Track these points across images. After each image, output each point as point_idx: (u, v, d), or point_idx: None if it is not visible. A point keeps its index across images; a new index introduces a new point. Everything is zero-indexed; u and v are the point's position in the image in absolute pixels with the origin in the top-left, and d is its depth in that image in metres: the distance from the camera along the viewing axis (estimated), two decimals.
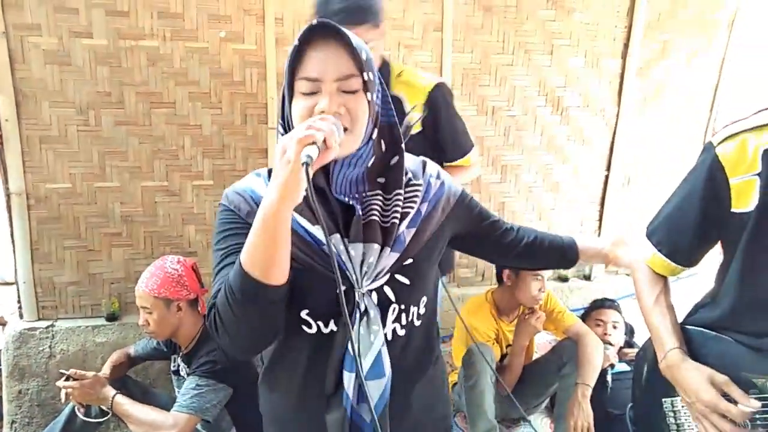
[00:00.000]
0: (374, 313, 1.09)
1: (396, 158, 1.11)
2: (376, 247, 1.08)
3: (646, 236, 1.35)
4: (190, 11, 2.70)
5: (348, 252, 1.06)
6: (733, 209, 1.16)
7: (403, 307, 1.13)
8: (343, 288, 0.97)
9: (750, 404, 1.12)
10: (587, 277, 3.75)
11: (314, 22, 0.99)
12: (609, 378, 2.64)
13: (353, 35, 1.01)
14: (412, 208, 1.13)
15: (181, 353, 2.27)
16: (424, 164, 1.23)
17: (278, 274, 0.95)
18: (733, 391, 1.15)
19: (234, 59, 2.80)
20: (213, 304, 1.01)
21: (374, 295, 1.10)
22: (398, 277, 1.12)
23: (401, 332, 1.14)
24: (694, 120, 3.66)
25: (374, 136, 1.08)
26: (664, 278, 1.35)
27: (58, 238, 2.81)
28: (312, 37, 1.00)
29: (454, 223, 1.24)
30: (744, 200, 1.15)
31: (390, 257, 1.10)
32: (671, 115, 3.62)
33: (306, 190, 0.89)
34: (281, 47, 2.83)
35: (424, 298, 1.18)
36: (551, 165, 3.51)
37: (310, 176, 0.88)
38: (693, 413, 1.20)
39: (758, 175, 1.12)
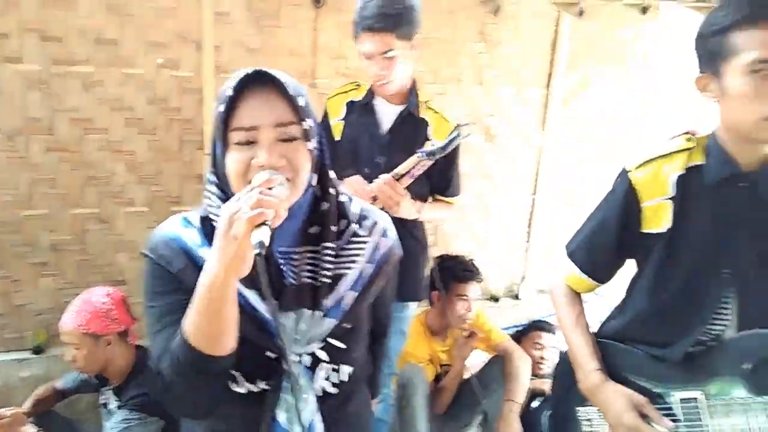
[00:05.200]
0: (304, 381, 1.05)
1: (326, 205, 1.04)
2: (308, 312, 1.03)
3: (567, 255, 1.44)
4: (126, 38, 2.66)
5: (277, 317, 0.98)
6: (644, 230, 1.27)
7: (334, 367, 1.09)
8: (272, 355, 0.96)
9: (665, 424, 1.21)
10: (516, 297, 3.92)
11: (249, 70, 0.94)
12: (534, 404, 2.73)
13: (292, 81, 0.97)
14: (352, 266, 1.08)
15: (111, 386, 2.22)
16: (377, 218, 1.16)
17: (226, 344, 0.92)
18: (650, 412, 1.23)
19: (171, 85, 2.78)
20: (159, 372, 0.97)
21: (305, 357, 1.06)
22: (334, 342, 1.08)
23: (332, 390, 1.10)
24: (613, 146, 3.91)
25: (314, 182, 1.03)
26: (580, 296, 1.45)
27: None
28: (246, 84, 0.94)
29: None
30: (656, 222, 1.26)
31: (325, 323, 1.05)
32: (592, 141, 3.85)
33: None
34: (219, 74, 2.83)
35: (359, 356, 1.15)
36: (483, 189, 3.66)
37: (263, 265, 0.84)
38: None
39: (671, 199, 1.24)
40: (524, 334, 3.07)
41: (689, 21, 3.38)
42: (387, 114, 2.11)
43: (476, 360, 3.15)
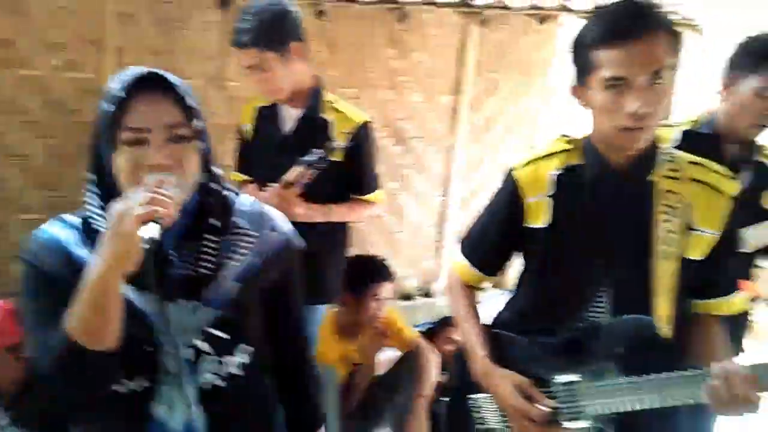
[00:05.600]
0: (185, 375, 1.05)
1: (212, 200, 1.07)
2: (189, 303, 1.04)
3: (459, 250, 1.52)
4: (22, 38, 2.54)
5: (160, 310, 0.98)
6: (527, 225, 1.37)
7: (220, 359, 1.09)
8: (149, 349, 0.97)
9: (546, 404, 1.30)
10: (429, 295, 4.03)
11: (139, 70, 0.97)
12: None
13: (181, 83, 1.00)
14: (236, 257, 1.09)
15: (1, 402, 2.11)
16: (266, 214, 1.18)
17: (110, 339, 0.93)
18: (533, 393, 1.32)
19: (70, 88, 2.68)
20: (36, 370, 0.97)
21: (187, 351, 1.06)
22: (216, 332, 1.07)
23: (220, 383, 1.09)
24: (518, 149, 4.10)
25: (202, 180, 1.06)
26: (473, 289, 1.53)
27: None
28: (136, 85, 0.96)
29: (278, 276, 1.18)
30: (538, 217, 1.35)
31: (205, 313, 1.06)
32: (499, 145, 4.02)
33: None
34: None
35: (250, 349, 1.14)
36: (395, 191, 3.74)
37: (150, 259, 0.86)
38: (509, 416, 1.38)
39: (550, 196, 1.34)
40: (437, 330, 3.16)
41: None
42: (289, 117, 2.14)
43: (387, 358, 3.23)
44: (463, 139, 3.84)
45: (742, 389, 1.09)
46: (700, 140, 1.97)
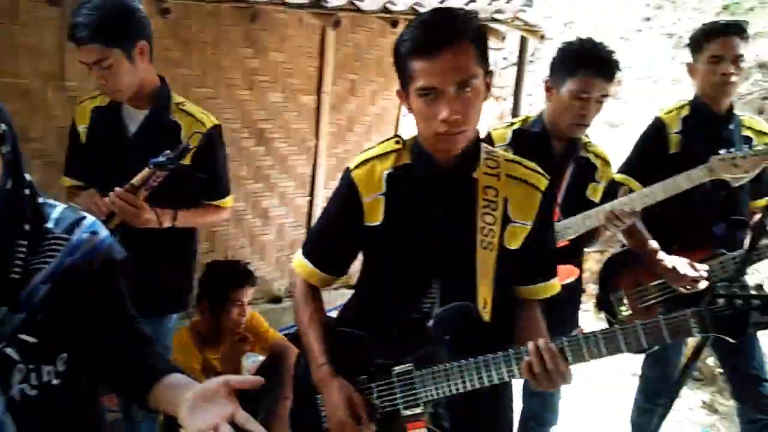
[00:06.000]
0: None
1: (19, 206, 1.05)
2: None
3: (302, 253, 1.53)
4: None
5: None
6: (366, 224, 1.41)
7: (32, 366, 1.05)
8: None
9: (369, 428, 1.35)
10: (278, 300, 4.02)
11: None
12: None
13: None
14: (46, 262, 1.06)
15: None
16: (79, 219, 1.14)
17: None
18: (361, 412, 1.36)
19: None
20: None
21: None
22: (24, 336, 1.04)
23: (32, 393, 1.05)
24: None
25: (8, 185, 1.03)
26: (319, 293, 1.55)
27: None
28: None
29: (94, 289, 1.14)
30: (374, 216, 1.40)
31: (14, 318, 1.02)
32: (363, 144, 4.10)
33: None
34: None
35: (64, 356, 1.10)
36: (259, 193, 3.70)
37: None
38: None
39: (384, 194, 1.39)
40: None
41: None
42: (133, 118, 2.04)
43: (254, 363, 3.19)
44: (326, 139, 3.88)
45: (551, 364, 1.21)
46: (530, 138, 2.14)
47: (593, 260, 4.14)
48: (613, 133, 4.58)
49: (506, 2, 3.71)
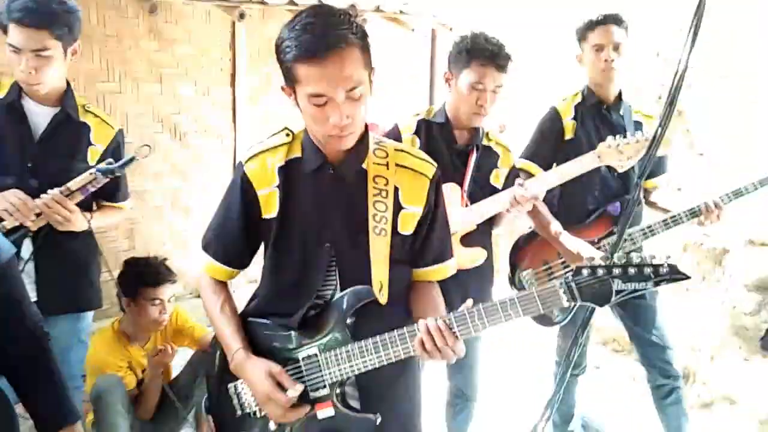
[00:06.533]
0: None
1: None
2: None
3: (202, 249, 1.53)
4: None
5: None
6: (264, 216, 1.43)
7: None
8: None
9: (295, 389, 1.38)
10: None
11: None
12: None
13: None
14: None
15: None
16: None
17: None
18: (284, 379, 1.39)
19: None
20: None
21: None
22: None
23: None
24: None
25: None
26: (225, 284, 1.57)
27: None
28: None
29: None
30: (270, 208, 1.42)
31: None
32: None
33: None
34: None
35: None
36: (179, 188, 3.65)
37: None
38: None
39: (278, 187, 1.42)
40: None
41: None
42: (39, 116, 1.96)
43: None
44: (243, 133, 3.85)
45: (440, 340, 1.28)
46: (434, 128, 2.22)
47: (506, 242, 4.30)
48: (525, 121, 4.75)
49: None
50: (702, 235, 3.62)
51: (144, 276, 2.61)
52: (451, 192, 2.13)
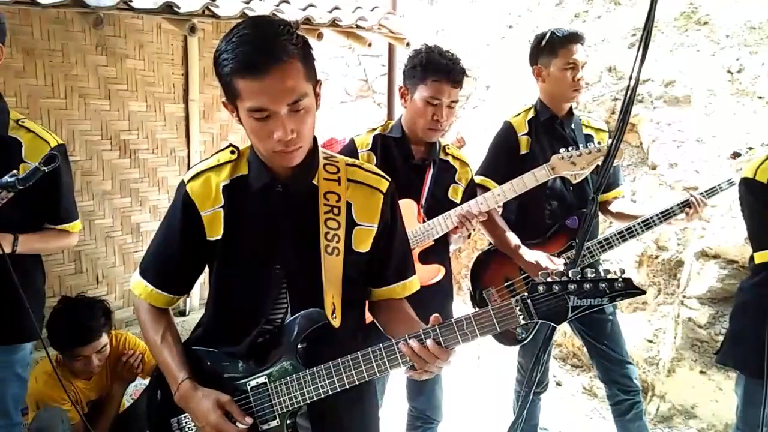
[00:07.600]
0: None
1: None
2: None
3: (140, 274, 1.44)
4: None
5: None
6: (208, 238, 1.35)
7: None
8: None
9: (244, 421, 1.30)
10: (183, 313, 3.87)
11: None
12: None
13: None
14: None
15: None
16: None
17: None
18: (233, 409, 1.31)
19: None
20: None
21: None
22: None
23: None
24: None
25: None
26: (166, 311, 1.46)
27: None
28: None
29: None
30: (215, 230, 1.35)
31: None
32: None
33: None
34: None
35: None
36: (128, 208, 3.51)
37: None
38: None
39: (222, 207, 1.34)
40: None
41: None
42: None
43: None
44: (197, 149, 3.75)
45: (425, 354, 1.21)
46: (391, 143, 2.19)
47: (468, 258, 4.30)
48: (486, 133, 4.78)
49: (371, 10, 3.76)
50: (657, 249, 3.67)
51: (68, 338, 2.45)
52: (408, 208, 2.10)
